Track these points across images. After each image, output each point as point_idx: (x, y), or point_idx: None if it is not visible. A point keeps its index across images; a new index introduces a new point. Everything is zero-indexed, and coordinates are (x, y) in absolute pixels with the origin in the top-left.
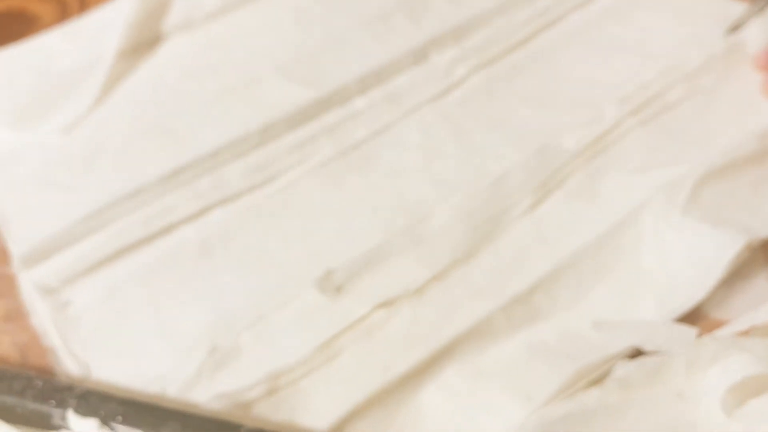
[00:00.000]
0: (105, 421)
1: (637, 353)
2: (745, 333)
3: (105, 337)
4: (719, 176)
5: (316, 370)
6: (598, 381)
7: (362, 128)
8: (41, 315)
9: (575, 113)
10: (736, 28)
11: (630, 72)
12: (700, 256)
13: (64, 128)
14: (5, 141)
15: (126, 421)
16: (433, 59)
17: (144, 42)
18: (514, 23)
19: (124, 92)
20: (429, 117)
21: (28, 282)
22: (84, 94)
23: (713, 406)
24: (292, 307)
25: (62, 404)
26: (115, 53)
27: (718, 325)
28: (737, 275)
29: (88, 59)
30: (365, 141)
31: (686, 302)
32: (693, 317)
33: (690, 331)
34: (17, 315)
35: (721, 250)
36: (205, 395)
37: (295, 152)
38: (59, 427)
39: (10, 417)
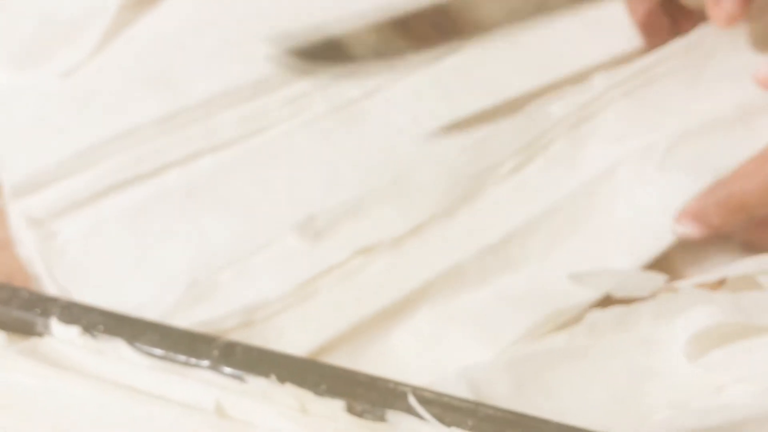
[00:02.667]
0: (87, 329)
1: (607, 302)
2: (714, 286)
3: (88, 268)
4: (695, 138)
5: (291, 307)
6: (566, 327)
7: (355, 88)
8: (28, 245)
9: (564, 81)
10: None
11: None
12: (673, 205)
13: (62, 72)
14: (5, 82)
15: (107, 331)
16: None
17: None
18: None
19: (124, 42)
20: (422, 80)
21: (17, 213)
22: (84, 42)
23: (677, 353)
24: (271, 249)
25: (46, 313)
26: (118, 4)
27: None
28: None
29: (90, 8)
30: (357, 100)
31: (657, 247)
32: (662, 268)
33: (659, 277)
34: (5, 245)
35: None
36: (182, 324)
37: (287, 106)
38: (42, 334)
39: None
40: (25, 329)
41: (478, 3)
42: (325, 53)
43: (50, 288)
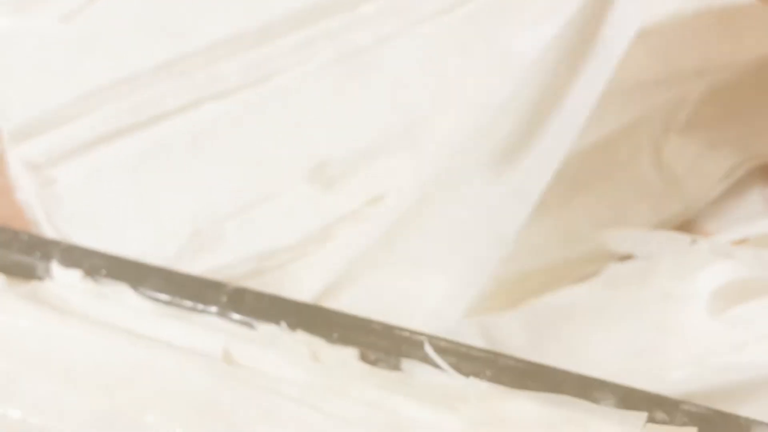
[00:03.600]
0: (89, 273)
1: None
2: (737, 243)
3: (87, 214)
4: (717, 97)
5: (303, 256)
6: (585, 279)
7: (365, 36)
8: (26, 190)
9: None
10: None
11: None
12: (700, 168)
13: (62, 16)
14: (3, 27)
15: (110, 275)
16: None
17: None
18: None
19: None
20: (435, 31)
21: (16, 158)
22: None
23: (699, 308)
24: (280, 198)
25: (46, 257)
26: None
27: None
28: (732, 193)
29: None
30: (367, 49)
31: (682, 209)
32: (686, 230)
33: (683, 238)
34: (4, 191)
35: (720, 162)
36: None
37: (294, 53)
38: (43, 278)
39: None
40: (25, 273)
41: None
42: None
43: (49, 233)
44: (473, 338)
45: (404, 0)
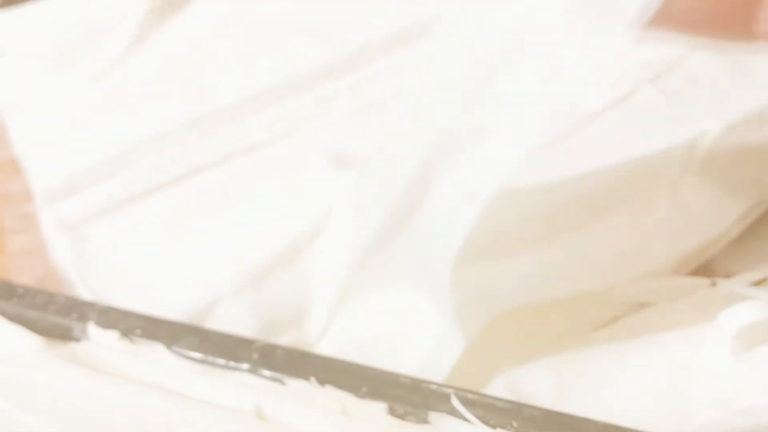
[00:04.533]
0: (124, 333)
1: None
2: (757, 284)
3: (121, 272)
4: (732, 137)
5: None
6: (606, 325)
7: (384, 88)
8: (60, 250)
9: None
10: None
11: None
12: (717, 207)
13: (92, 76)
14: (36, 87)
15: (145, 335)
16: None
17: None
18: None
19: (153, 45)
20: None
21: (49, 218)
22: (114, 45)
23: (723, 350)
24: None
25: (83, 318)
26: (146, 8)
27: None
28: (750, 233)
29: (120, 13)
30: (385, 98)
31: (700, 246)
32: (705, 272)
33: (702, 281)
34: (38, 250)
35: (737, 203)
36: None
37: (317, 107)
38: (80, 339)
39: (33, 330)
40: (62, 334)
41: None
42: None
43: (83, 293)
44: (498, 389)
45: (420, 54)
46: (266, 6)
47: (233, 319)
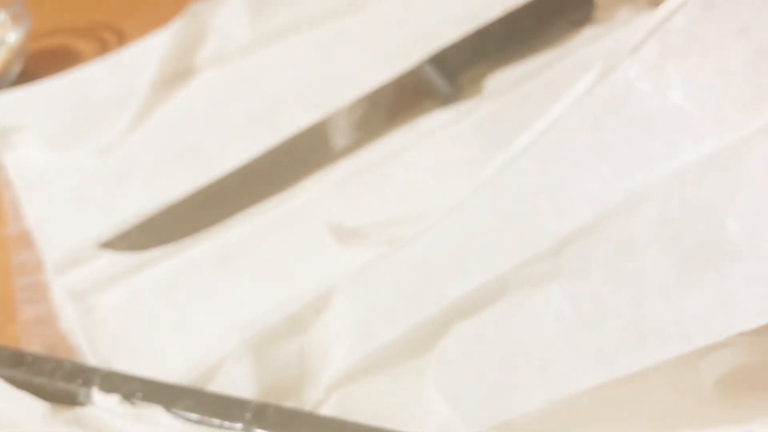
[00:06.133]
0: (126, 397)
1: None
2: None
3: (127, 338)
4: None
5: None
6: None
7: (377, 150)
8: (69, 318)
9: None
10: None
11: None
12: None
13: (99, 151)
14: (45, 162)
15: (145, 398)
16: None
17: (178, 74)
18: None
19: (157, 119)
20: (443, 141)
21: (59, 288)
22: (119, 121)
23: (704, 396)
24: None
25: (87, 383)
26: (150, 84)
27: None
28: None
29: (124, 89)
30: (381, 162)
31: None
32: None
33: None
34: (48, 319)
35: None
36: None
37: (314, 174)
38: (84, 404)
39: (41, 395)
40: (68, 399)
41: None
42: None
43: (91, 359)
44: None
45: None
46: (263, 79)
47: (234, 383)
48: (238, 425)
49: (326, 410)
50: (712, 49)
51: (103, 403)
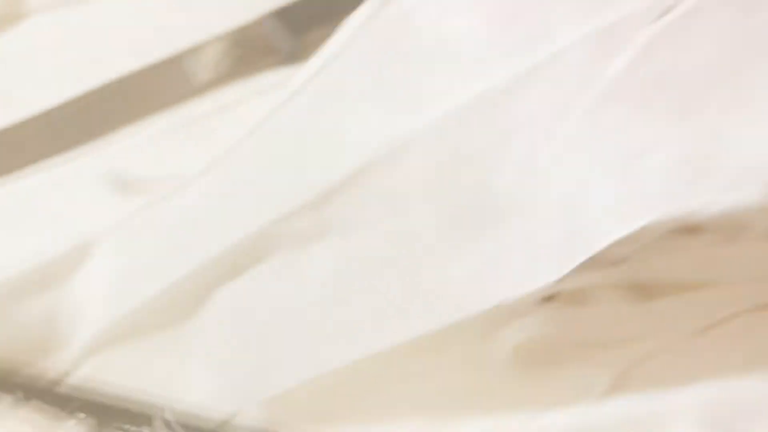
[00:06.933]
0: None
1: None
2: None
3: None
4: None
5: None
6: None
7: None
8: None
9: None
10: None
11: None
12: None
13: None
14: None
15: None
16: None
17: (8, 14)
18: None
19: None
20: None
21: None
22: None
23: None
24: None
25: None
26: None
27: None
28: None
29: None
30: (208, 117)
31: None
32: None
33: None
34: None
35: None
36: None
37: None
38: None
39: None
40: None
41: None
42: None
43: None
44: None
45: None
46: (96, 23)
47: None
48: None
49: (76, 379)
50: None
51: None
